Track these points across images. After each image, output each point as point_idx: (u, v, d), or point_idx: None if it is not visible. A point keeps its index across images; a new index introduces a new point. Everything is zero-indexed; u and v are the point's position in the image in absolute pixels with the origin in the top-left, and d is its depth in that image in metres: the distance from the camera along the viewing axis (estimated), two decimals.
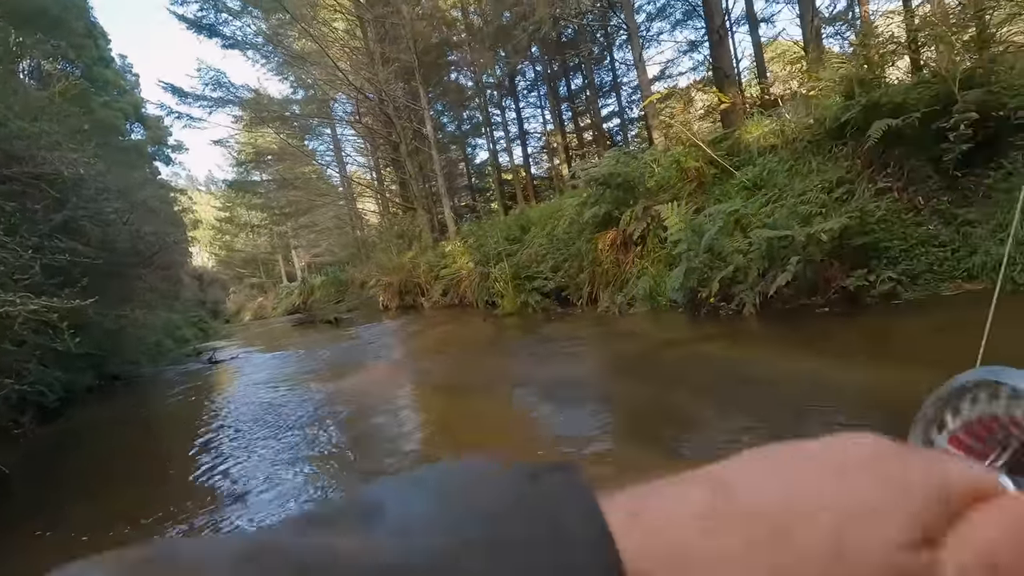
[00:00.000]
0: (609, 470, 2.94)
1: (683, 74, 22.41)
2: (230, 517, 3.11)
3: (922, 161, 5.55)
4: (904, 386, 3.29)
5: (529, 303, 9.98)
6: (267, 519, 3.04)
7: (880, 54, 7.08)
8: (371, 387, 6.13)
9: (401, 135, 19.28)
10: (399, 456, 3.73)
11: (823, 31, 13.54)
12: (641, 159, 9.04)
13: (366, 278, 19.26)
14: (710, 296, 6.15)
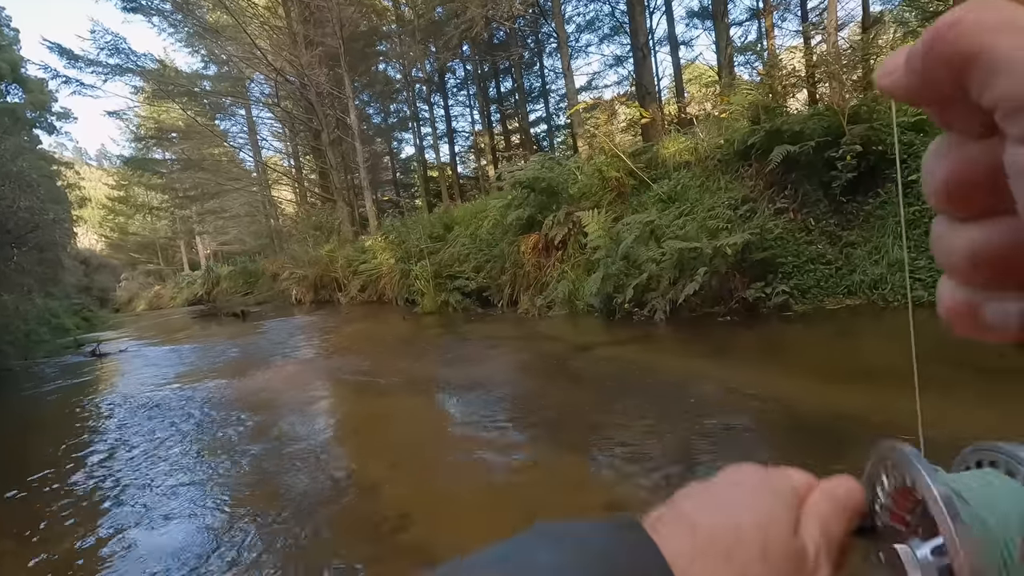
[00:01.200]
0: (531, 474, 2.97)
1: (608, 87, 23.25)
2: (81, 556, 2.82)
3: (814, 186, 6.09)
4: (789, 388, 3.58)
5: (450, 302, 9.90)
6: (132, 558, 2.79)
7: (783, 85, 7.72)
8: (278, 387, 5.81)
9: (323, 123, 18.51)
10: (306, 469, 3.55)
11: (735, 59, 14.56)
12: (565, 166, 9.25)
13: (279, 270, 18.29)
14: (625, 302, 6.40)
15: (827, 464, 2.53)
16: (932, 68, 0.18)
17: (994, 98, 0.17)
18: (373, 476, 3.15)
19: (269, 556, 2.40)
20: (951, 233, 0.21)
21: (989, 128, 0.18)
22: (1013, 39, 0.16)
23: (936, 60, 0.18)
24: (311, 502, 2.88)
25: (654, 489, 2.53)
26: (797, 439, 2.89)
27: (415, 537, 2.40)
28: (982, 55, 0.17)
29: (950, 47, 0.18)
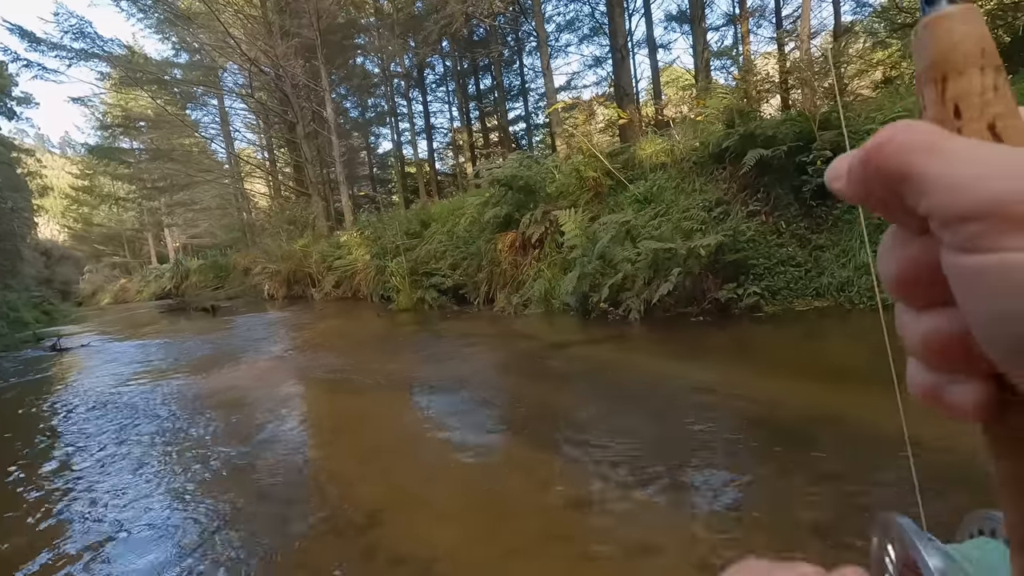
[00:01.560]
0: (505, 472, 2.96)
1: (587, 87, 23.40)
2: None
3: (786, 189, 6.22)
4: (760, 387, 3.66)
5: (426, 300, 9.84)
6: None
7: (757, 90, 7.86)
8: (249, 384, 5.69)
9: (298, 115, 18.18)
10: (275, 467, 3.49)
11: (712, 63, 14.78)
12: (543, 164, 9.27)
13: (251, 264, 17.92)
14: (600, 301, 6.44)
15: (795, 458, 2.59)
16: (869, 182, 0.21)
17: (925, 211, 0.19)
18: (344, 474, 3.11)
19: (235, 555, 2.35)
20: (909, 321, 0.22)
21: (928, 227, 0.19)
22: (935, 161, 0.19)
23: (872, 176, 0.20)
24: (280, 501, 2.83)
25: (627, 488, 2.55)
26: (767, 436, 2.95)
27: (386, 536, 2.38)
28: (911, 175, 0.19)
29: (882, 167, 0.20)
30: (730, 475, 2.57)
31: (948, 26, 0.21)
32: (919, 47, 0.22)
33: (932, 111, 0.21)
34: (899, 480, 2.24)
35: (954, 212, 0.18)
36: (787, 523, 2.12)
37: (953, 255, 0.19)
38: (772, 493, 2.35)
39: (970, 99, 0.20)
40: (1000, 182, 0.18)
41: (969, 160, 0.19)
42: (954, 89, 0.21)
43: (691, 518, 2.24)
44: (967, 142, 0.19)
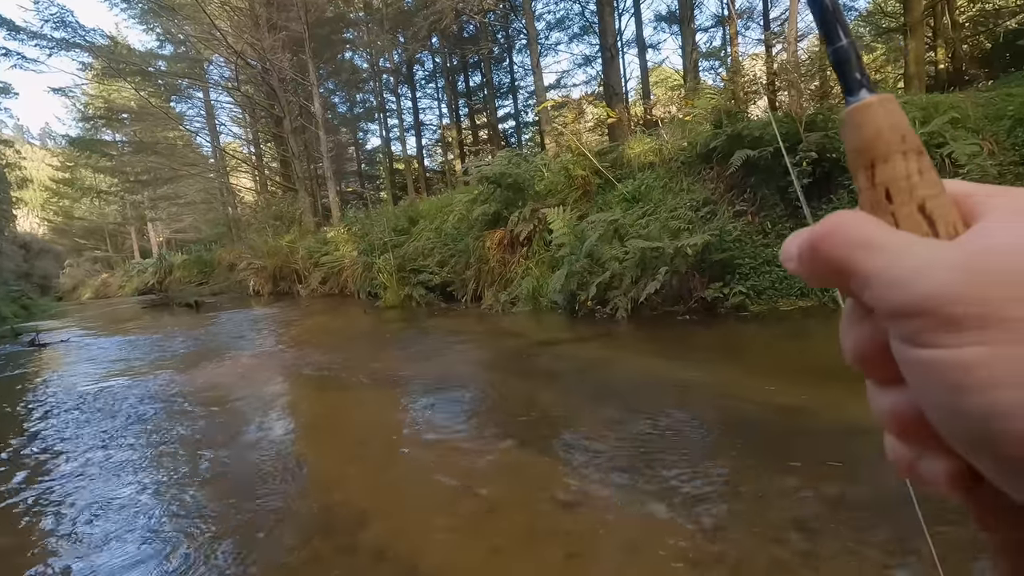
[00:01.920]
0: (492, 469, 2.96)
1: (577, 86, 23.46)
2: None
3: (772, 190, 6.28)
4: (745, 386, 3.69)
5: (413, 296, 9.79)
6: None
7: (745, 91, 7.92)
8: (233, 381, 5.62)
9: (286, 110, 17.99)
10: (260, 465, 3.45)
11: (700, 64, 14.88)
12: (532, 162, 9.26)
13: (236, 260, 17.72)
14: (588, 299, 6.46)
15: (779, 456, 2.62)
16: (818, 270, 0.22)
17: (868, 303, 0.21)
18: (330, 473, 3.08)
19: (217, 555, 2.32)
20: (873, 395, 0.23)
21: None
22: (873, 257, 0.20)
23: (819, 266, 0.22)
24: (264, 500, 2.80)
25: (614, 486, 2.56)
26: (752, 434, 2.97)
27: (372, 535, 2.36)
28: (852, 271, 0.20)
29: (826, 260, 0.21)
30: (715, 472, 2.59)
31: (869, 116, 0.23)
32: (846, 135, 0.23)
33: (867, 195, 0.22)
34: (879, 476, 2.27)
35: (893, 308, 0.19)
36: (771, 520, 2.14)
37: (898, 344, 0.20)
38: (756, 490, 2.37)
39: (898, 184, 0.22)
40: (933, 283, 0.18)
41: (904, 258, 0.19)
42: (882, 175, 0.22)
43: (676, 515, 2.25)
44: (902, 238, 0.20)
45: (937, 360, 0.18)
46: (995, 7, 12.95)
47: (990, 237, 0.19)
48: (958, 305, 0.18)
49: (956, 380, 0.18)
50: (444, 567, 2.09)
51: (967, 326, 0.18)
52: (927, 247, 0.20)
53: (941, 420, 0.19)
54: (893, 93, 8.12)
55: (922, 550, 1.81)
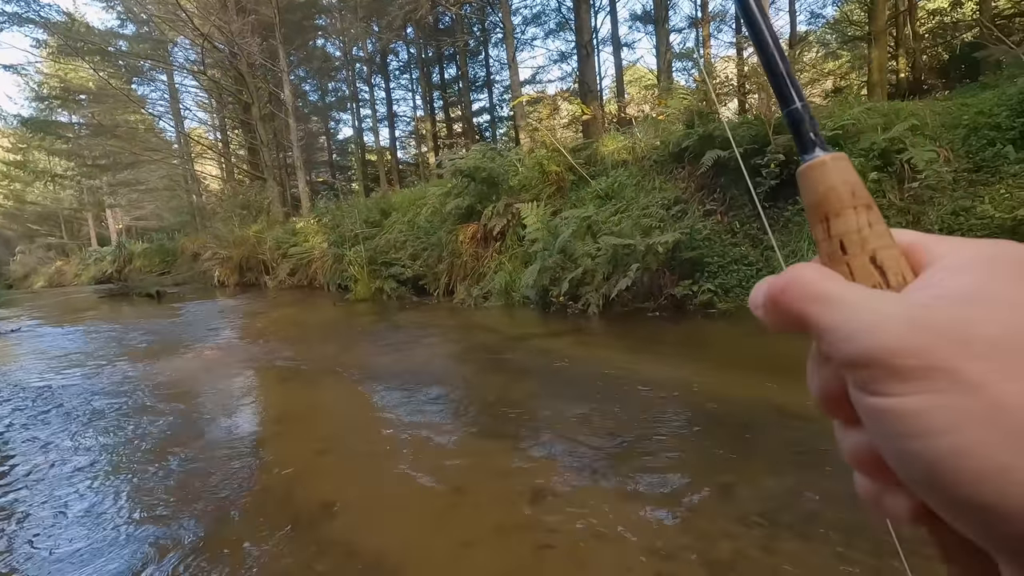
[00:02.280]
0: (462, 463, 2.95)
1: (552, 82, 23.55)
2: None
3: (741, 190, 6.42)
4: (711, 380, 3.77)
5: (384, 290, 9.69)
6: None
7: (717, 93, 8.06)
8: (196, 373, 5.47)
9: (254, 96, 17.51)
10: (223, 459, 3.37)
11: (674, 64, 15.07)
12: (507, 157, 9.25)
13: (200, 249, 17.21)
14: (560, 295, 6.49)
15: (743, 449, 2.69)
16: (780, 320, 0.23)
17: (825, 353, 0.22)
18: (296, 466, 3.03)
19: (180, 553, 2.26)
20: (840, 434, 0.24)
21: None
22: (827, 311, 0.22)
23: (781, 317, 0.23)
24: (229, 495, 2.73)
25: (583, 478, 2.59)
26: (717, 428, 3.04)
27: (339, 528, 2.33)
28: (808, 323, 0.22)
29: (785, 312, 0.23)
30: (681, 464, 2.65)
31: (823, 173, 0.25)
32: (803, 190, 0.25)
33: (824, 247, 0.25)
34: (842, 467, 2.35)
35: (846, 359, 0.21)
36: (735, 511, 2.19)
37: (854, 391, 0.21)
38: (721, 482, 2.43)
39: (851, 236, 0.24)
40: (882, 336, 0.20)
41: (856, 312, 0.21)
42: (836, 228, 0.24)
43: (644, 506, 2.29)
44: (854, 292, 0.22)
45: (886, 408, 0.20)
46: (953, 20, 13.48)
47: (933, 289, 0.21)
48: (904, 357, 0.19)
49: (902, 427, 0.19)
50: (413, 560, 2.08)
51: (912, 377, 0.19)
52: (877, 301, 0.21)
53: (893, 462, 0.21)
54: (859, 99, 8.37)
55: (886, 546, 1.88)
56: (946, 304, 0.20)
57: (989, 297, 0.20)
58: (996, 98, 5.97)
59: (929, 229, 5.31)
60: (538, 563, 2.01)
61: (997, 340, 0.19)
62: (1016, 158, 5.45)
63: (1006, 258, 0.21)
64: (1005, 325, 0.19)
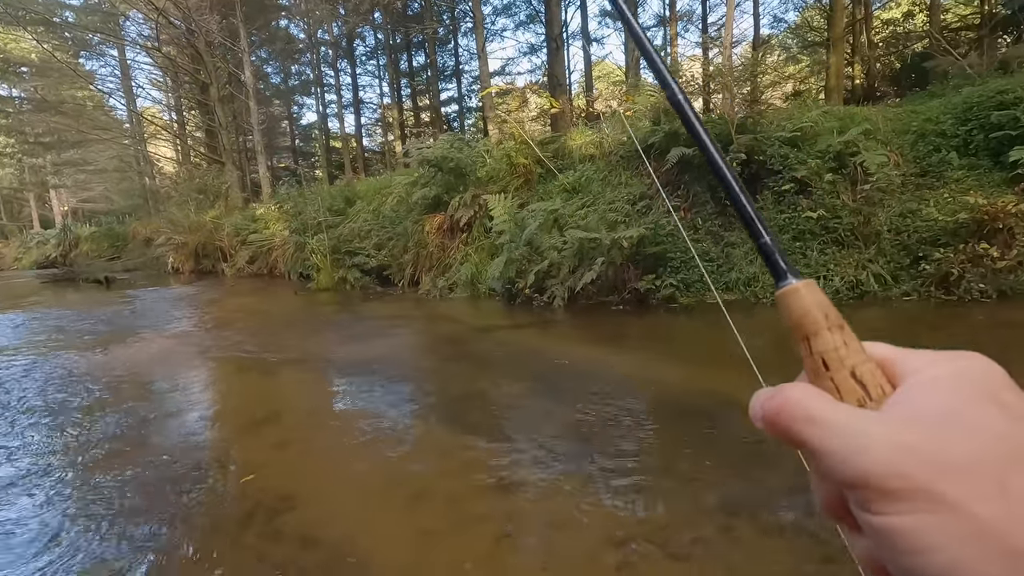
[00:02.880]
0: (424, 454, 2.93)
1: (521, 74, 23.44)
2: None
3: (703, 188, 6.56)
4: (671, 373, 3.86)
5: (347, 279, 9.51)
6: None
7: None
8: (146, 361, 5.26)
9: (213, 76, 16.85)
10: (175, 451, 3.26)
11: (641, 62, 15.23)
12: (475, 148, 9.18)
13: (153, 234, 16.51)
14: (526, 287, 6.52)
15: (701, 439, 2.76)
16: (776, 436, 0.25)
17: (820, 473, 0.24)
18: (253, 459, 2.96)
19: (131, 549, 2.18)
20: (849, 539, 0.26)
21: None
22: (817, 433, 0.24)
23: (776, 434, 0.25)
24: (180, 489, 2.65)
25: (544, 468, 2.61)
26: (677, 419, 3.12)
27: (298, 521, 2.29)
28: (802, 445, 0.24)
29: (780, 432, 0.25)
30: (642, 454, 2.70)
31: (798, 298, 0.28)
32: (782, 312, 0.28)
33: (808, 363, 0.27)
34: (797, 457, 2.44)
35: (840, 479, 0.23)
36: (694, 500, 2.26)
37: (855, 507, 0.23)
38: (681, 472, 2.50)
39: (830, 354, 0.26)
40: (870, 460, 0.22)
41: (845, 436, 0.23)
42: (816, 346, 0.26)
43: (604, 496, 2.33)
44: (841, 414, 0.24)
45: (881, 525, 0.22)
46: (905, 31, 14.07)
47: (910, 407, 0.24)
48: (892, 479, 0.21)
49: (897, 543, 0.21)
50: (373, 550, 2.06)
51: (900, 497, 0.21)
52: (864, 422, 0.23)
53: (893, 571, 0.22)
54: (816, 103, 8.64)
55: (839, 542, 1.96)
56: (922, 427, 0.22)
57: (957, 420, 0.22)
58: (942, 107, 6.27)
59: (879, 230, 5.56)
60: (499, 552, 2.02)
61: (966, 463, 0.21)
62: (959, 164, 5.75)
63: (970, 376, 0.24)
64: (972, 448, 0.21)
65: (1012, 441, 0.22)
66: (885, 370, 0.26)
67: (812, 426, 0.24)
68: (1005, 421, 0.22)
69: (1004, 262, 4.86)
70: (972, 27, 11.66)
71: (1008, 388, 0.24)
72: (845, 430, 0.23)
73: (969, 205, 5.09)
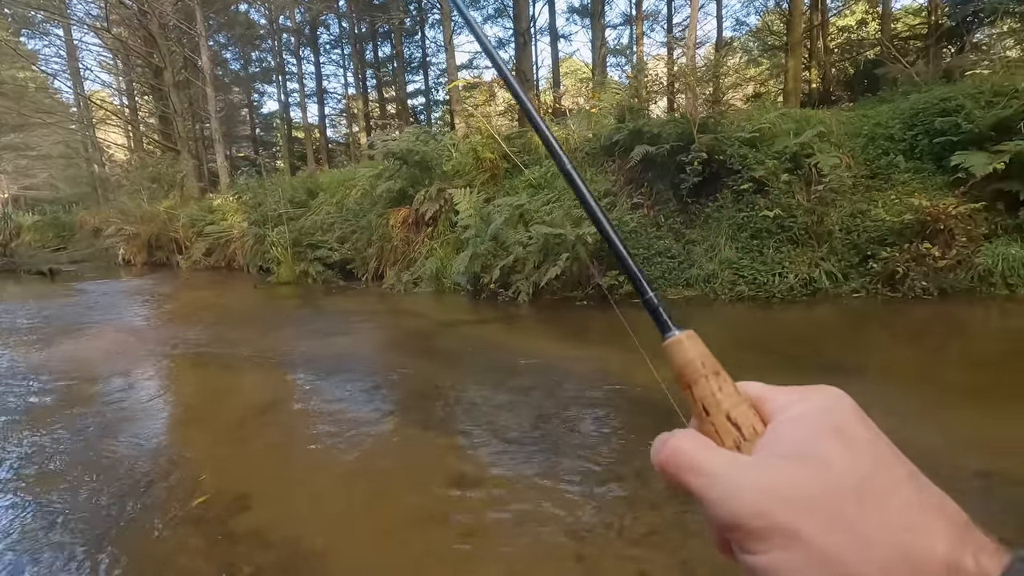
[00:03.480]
0: (385, 450, 2.90)
1: (489, 68, 23.26)
2: None
3: (666, 186, 6.68)
4: (632, 368, 3.93)
5: (309, 273, 9.31)
6: None
7: (647, 90, 8.31)
8: (93, 357, 5.03)
9: (167, 60, 16.16)
10: (124, 449, 3.13)
11: (608, 60, 15.38)
12: (441, 141, 9.09)
13: (103, 224, 15.76)
14: (491, 282, 6.51)
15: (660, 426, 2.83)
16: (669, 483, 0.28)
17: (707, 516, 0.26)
18: (207, 458, 2.87)
19: (82, 553, 2.08)
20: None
21: None
22: (695, 480, 0.26)
23: (667, 480, 0.28)
24: (132, 489, 2.55)
25: (507, 464, 2.63)
26: (637, 414, 3.18)
27: (253, 520, 2.24)
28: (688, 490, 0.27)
29: (669, 478, 0.28)
30: (603, 450, 2.74)
31: (680, 349, 0.31)
32: (669, 362, 0.32)
33: (693, 409, 0.30)
34: None
35: (719, 523, 0.25)
36: (652, 491, 2.31)
37: (735, 548, 0.25)
38: (640, 464, 2.54)
39: (708, 400, 0.29)
40: (740, 503, 0.24)
41: (720, 482, 0.25)
42: (697, 393, 0.30)
43: (566, 489, 2.36)
44: (718, 461, 0.26)
45: (751, 563, 0.24)
46: (858, 38, 14.60)
47: (773, 447, 0.26)
48: (756, 520, 0.24)
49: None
50: (331, 550, 2.03)
51: (764, 536, 0.23)
52: (735, 469, 0.26)
53: None
54: (775, 105, 8.89)
55: None
56: (780, 466, 0.25)
57: (811, 456, 0.25)
58: (891, 112, 6.55)
59: (831, 229, 5.78)
60: (460, 548, 2.02)
61: (816, 498, 0.23)
62: (905, 167, 6.02)
63: (821, 413, 0.27)
64: (822, 483, 0.24)
65: (855, 473, 0.24)
66: (759, 408, 0.29)
67: (695, 476, 0.26)
68: (849, 455, 0.24)
69: (944, 261, 5.12)
70: (920, 37, 12.20)
71: (854, 421, 0.26)
72: (721, 479, 0.26)
73: (914, 207, 5.34)
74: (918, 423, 2.75)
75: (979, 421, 2.76)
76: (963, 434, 2.65)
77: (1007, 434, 2.59)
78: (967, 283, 5.14)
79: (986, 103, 5.74)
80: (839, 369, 3.71)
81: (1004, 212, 5.39)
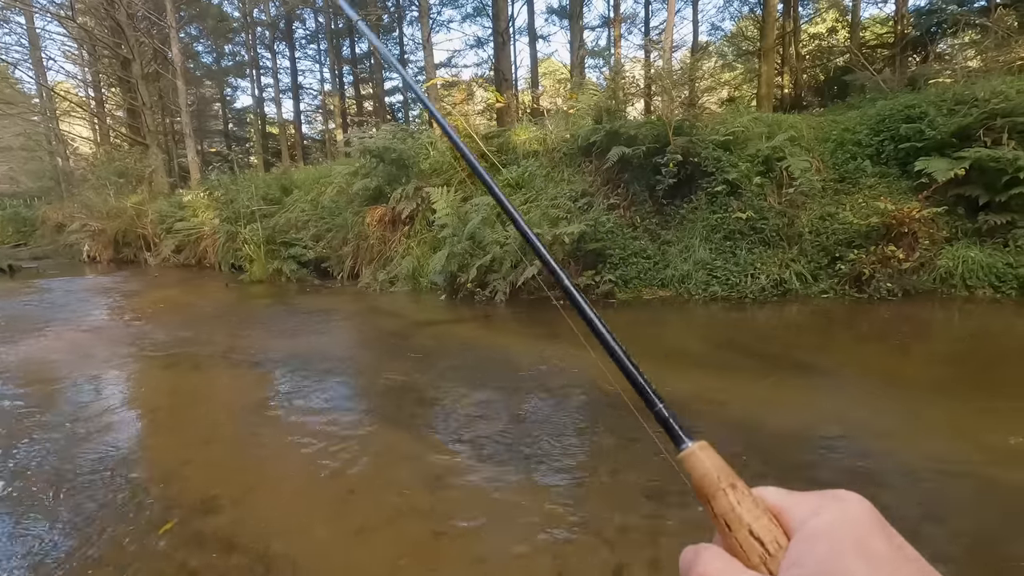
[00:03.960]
0: (358, 451, 2.87)
1: (467, 67, 23.27)
2: None
3: (642, 187, 6.75)
4: (606, 369, 3.95)
5: (283, 271, 9.15)
6: None
7: (624, 92, 8.38)
8: (56, 357, 4.86)
9: (135, 52, 15.71)
10: (89, 450, 3.03)
11: (586, 61, 15.47)
12: (418, 139, 9.03)
13: (67, 220, 15.25)
14: (468, 281, 6.49)
15: (634, 431, 2.85)
16: None
17: None
18: (174, 459, 2.80)
19: (38, 560, 2.01)
20: None
21: None
22: None
23: None
24: (97, 491, 2.47)
25: (482, 462, 2.62)
26: (611, 413, 3.20)
27: (222, 523, 2.19)
28: None
29: None
30: (577, 449, 2.76)
31: (696, 461, 0.31)
32: (687, 473, 0.31)
33: (716, 524, 0.30)
34: (723, 447, 2.56)
35: None
36: (625, 489, 2.33)
37: None
38: (613, 462, 2.57)
39: (729, 516, 0.29)
40: None
41: None
42: (717, 509, 0.30)
43: (540, 489, 2.37)
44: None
45: None
46: (829, 45, 14.98)
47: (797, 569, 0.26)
48: None
49: None
50: (303, 552, 2.00)
51: None
52: None
53: None
54: (749, 109, 9.06)
55: None
56: None
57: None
58: (859, 118, 6.73)
59: (801, 231, 5.91)
60: (434, 548, 2.01)
61: None
62: (872, 172, 6.19)
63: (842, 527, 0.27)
64: None
65: None
66: (779, 519, 0.29)
67: None
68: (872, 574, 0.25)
69: (908, 263, 5.29)
70: (887, 45, 12.57)
71: (876, 533, 0.26)
72: None
73: (880, 210, 5.51)
74: (884, 416, 2.84)
75: (939, 413, 2.86)
76: (924, 423, 2.74)
77: (965, 424, 2.69)
78: (929, 284, 5.32)
79: (948, 111, 5.94)
80: (811, 368, 3.80)
81: (964, 216, 5.60)
